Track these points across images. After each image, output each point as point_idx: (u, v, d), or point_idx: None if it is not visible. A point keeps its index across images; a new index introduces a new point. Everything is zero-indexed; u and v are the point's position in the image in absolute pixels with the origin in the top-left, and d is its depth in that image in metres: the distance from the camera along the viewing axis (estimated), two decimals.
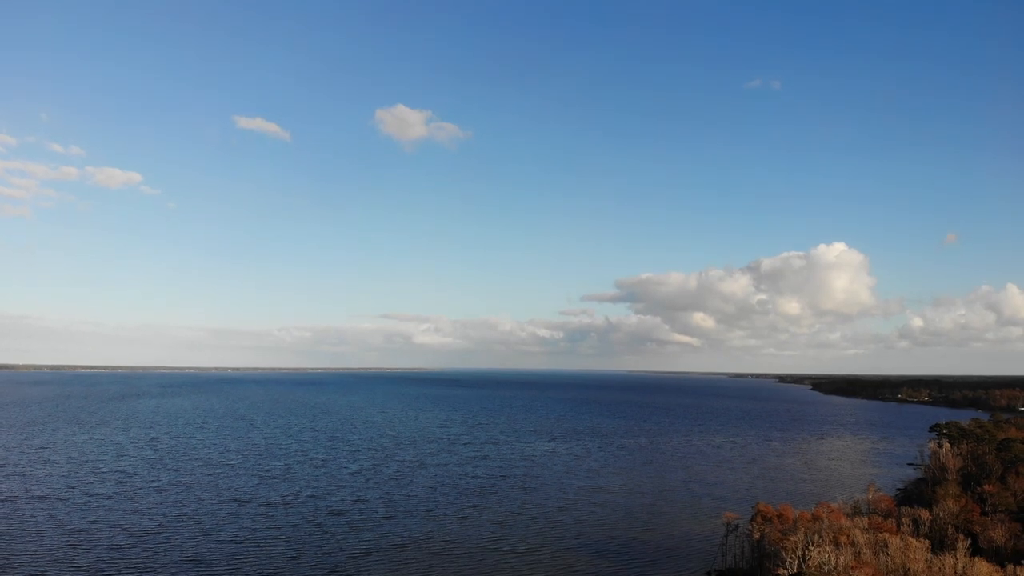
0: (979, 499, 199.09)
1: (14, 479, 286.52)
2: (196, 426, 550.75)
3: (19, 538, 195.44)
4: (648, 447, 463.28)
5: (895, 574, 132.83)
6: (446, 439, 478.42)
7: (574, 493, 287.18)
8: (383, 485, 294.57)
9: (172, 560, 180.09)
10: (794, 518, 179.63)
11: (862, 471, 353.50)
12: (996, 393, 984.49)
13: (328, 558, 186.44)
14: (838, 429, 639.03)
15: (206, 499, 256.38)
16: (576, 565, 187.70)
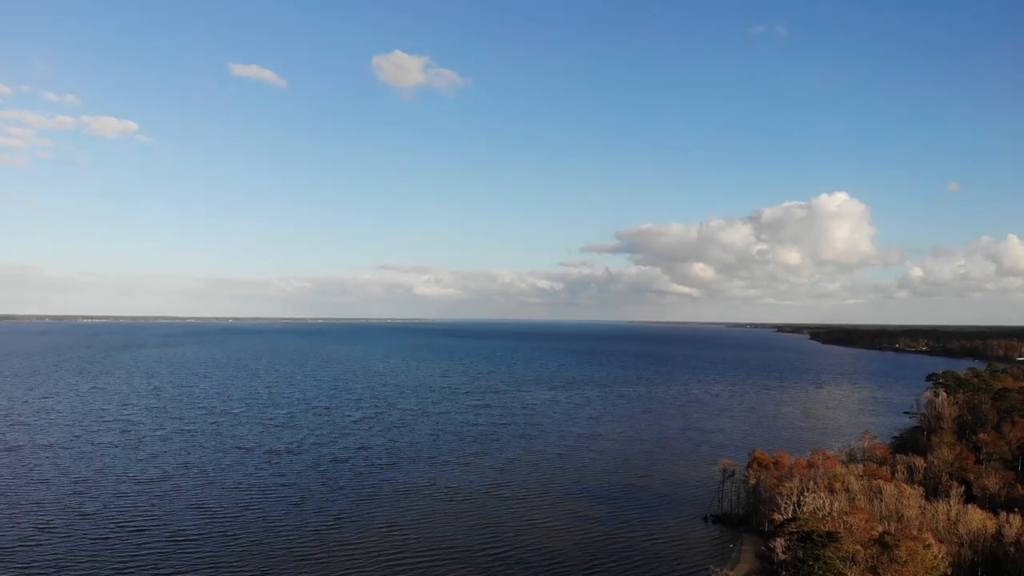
0: (974, 447, 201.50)
1: (19, 429, 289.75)
2: (199, 375, 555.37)
3: (25, 487, 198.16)
4: (647, 396, 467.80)
5: (889, 520, 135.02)
6: (447, 388, 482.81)
7: (574, 441, 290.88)
8: (386, 433, 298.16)
9: (178, 507, 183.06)
10: (790, 465, 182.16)
11: (858, 419, 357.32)
12: (994, 343, 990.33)
13: (332, 504, 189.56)
14: (836, 378, 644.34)
15: (210, 447, 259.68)
16: (576, 511, 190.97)
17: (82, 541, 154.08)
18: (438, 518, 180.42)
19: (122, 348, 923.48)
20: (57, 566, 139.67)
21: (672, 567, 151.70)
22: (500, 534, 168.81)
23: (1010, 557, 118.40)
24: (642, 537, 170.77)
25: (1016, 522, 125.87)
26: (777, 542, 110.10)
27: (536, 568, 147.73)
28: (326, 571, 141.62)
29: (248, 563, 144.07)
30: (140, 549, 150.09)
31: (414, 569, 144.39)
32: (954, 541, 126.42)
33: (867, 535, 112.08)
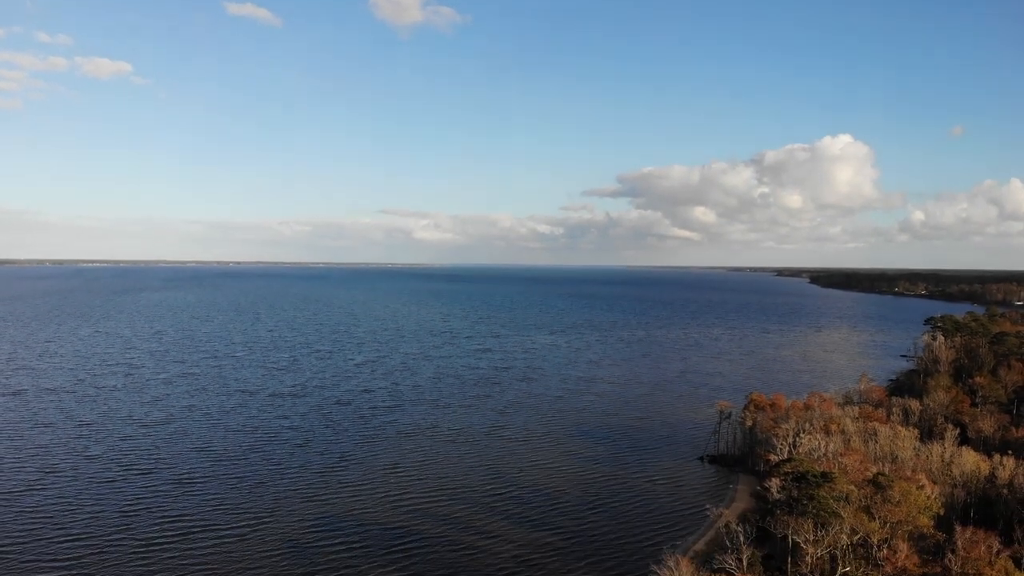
0: (970, 391, 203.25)
1: (22, 373, 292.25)
2: (200, 319, 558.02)
3: (29, 431, 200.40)
4: (646, 340, 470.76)
5: (883, 461, 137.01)
6: (448, 332, 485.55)
7: (574, 384, 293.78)
8: (388, 376, 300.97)
9: (182, 449, 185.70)
10: (786, 407, 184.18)
11: (856, 363, 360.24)
12: (993, 287, 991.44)
13: (336, 446, 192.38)
14: (834, 322, 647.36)
15: (213, 390, 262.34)
16: (576, 452, 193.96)
17: (88, 484, 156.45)
18: (441, 459, 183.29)
19: (123, 292, 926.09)
20: (65, 509, 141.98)
21: (670, 506, 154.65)
22: (502, 474, 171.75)
23: (1003, 498, 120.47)
24: (641, 477, 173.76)
25: (1010, 464, 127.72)
26: (772, 482, 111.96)
27: (537, 507, 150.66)
28: (331, 511, 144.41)
29: (254, 504, 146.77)
30: (146, 491, 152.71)
31: (418, 509, 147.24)
32: (947, 482, 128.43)
33: (861, 476, 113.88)
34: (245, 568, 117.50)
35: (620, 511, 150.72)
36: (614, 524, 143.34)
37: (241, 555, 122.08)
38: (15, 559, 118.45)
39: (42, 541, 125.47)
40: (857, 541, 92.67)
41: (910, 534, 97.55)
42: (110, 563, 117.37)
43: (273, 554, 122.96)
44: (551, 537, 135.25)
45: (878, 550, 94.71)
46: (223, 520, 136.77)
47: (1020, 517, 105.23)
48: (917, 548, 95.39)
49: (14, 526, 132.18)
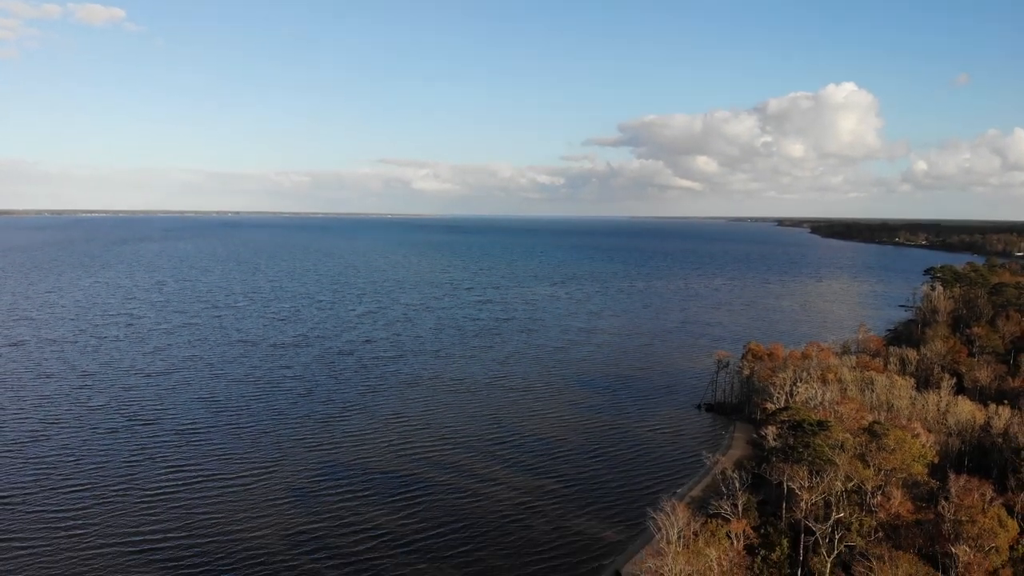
0: (967, 341, 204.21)
1: (23, 323, 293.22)
2: (200, 269, 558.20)
3: (31, 381, 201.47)
4: (647, 291, 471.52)
5: (879, 410, 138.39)
6: (449, 284, 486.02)
7: (574, 335, 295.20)
8: (390, 327, 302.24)
9: (186, 399, 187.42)
10: (784, 356, 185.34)
11: (856, 312, 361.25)
12: (993, 238, 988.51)
13: (339, 395, 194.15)
14: (835, 272, 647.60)
15: (215, 341, 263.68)
16: (576, 401, 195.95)
17: (92, 434, 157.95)
18: (443, 408, 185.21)
19: (122, 243, 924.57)
20: (69, 459, 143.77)
21: (667, 453, 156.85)
22: (503, 423, 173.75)
23: (997, 447, 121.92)
24: (639, 425, 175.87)
25: (1005, 413, 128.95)
26: (769, 430, 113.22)
27: (538, 454, 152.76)
28: (335, 459, 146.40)
29: (258, 453, 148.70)
30: (151, 441, 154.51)
31: (421, 456, 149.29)
32: (942, 431, 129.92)
33: (857, 424, 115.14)
34: (251, 517, 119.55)
35: (619, 458, 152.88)
36: (613, 471, 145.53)
37: (247, 504, 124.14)
38: (21, 509, 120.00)
39: (47, 491, 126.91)
40: (851, 488, 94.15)
41: (904, 481, 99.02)
42: (116, 512, 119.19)
43: (279, 502, 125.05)
44: (551, 483, 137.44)
45: (872, 497, 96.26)
46: (228, 469, 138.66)
47: (1014, 466, 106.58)
48: (911, 495, 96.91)
49: (19, 476, 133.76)
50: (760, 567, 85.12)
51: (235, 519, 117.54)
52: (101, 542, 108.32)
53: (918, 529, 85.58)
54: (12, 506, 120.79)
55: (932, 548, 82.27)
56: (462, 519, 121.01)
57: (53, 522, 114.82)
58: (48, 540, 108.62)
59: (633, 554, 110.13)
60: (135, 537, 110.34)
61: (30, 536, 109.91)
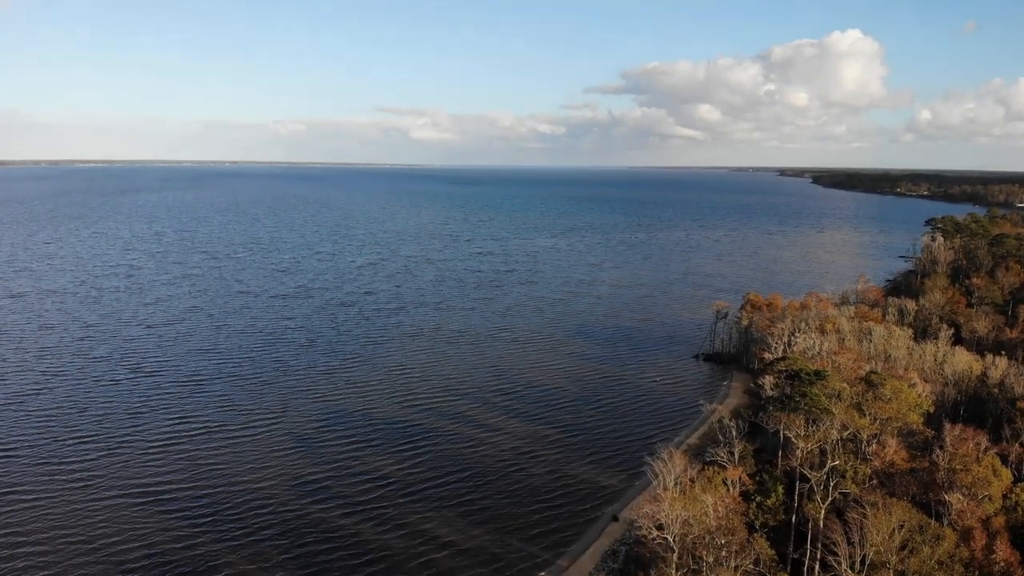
0: (966, 292, 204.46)
1: (23, 275, 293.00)
2: (199, 220, 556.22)
3: (32, 333, 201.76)
4: (648, 242, 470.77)
5: (877, 360, 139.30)
6: (449, 235, 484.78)
7: (575, 286, 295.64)
8: (391, 279, 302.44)
9: (188, 350, 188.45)
10: (783, 307, 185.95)
11: (856, 263, 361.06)
12: (995, 188, 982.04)
13: (342, 346, 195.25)
14: (837, 223, 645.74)
15: (215, 292, 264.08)
16: (577, 352, 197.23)
17: (95, 386, 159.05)
18: (445, 359, 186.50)
19: (120, 193, 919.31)
20: (73, 410, 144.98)
21: (666, 402, 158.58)
22: (505, 374, 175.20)
23: (993, 397, 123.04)
24: (638, 375, 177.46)
25: (1002, 364, 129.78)
26: (766, 379, 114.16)
27: (538, 404, 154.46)
28: (339, 409, 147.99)
29: (262, 403, 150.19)
30: (154, 391, 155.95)
31: (423, 406, 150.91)
32: (939, 381, 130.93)
33: (854, 374, 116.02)
34: (257, 466, 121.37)
35: (618, 407, 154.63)
36: (612, 419, 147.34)
37: (252, 453, 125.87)
38: (27, 461, 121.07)
39: (52, 443, 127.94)
40: (847, 436, 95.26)
41: (899, 430, 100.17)
42: (122, 463, 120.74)
43: (284, 451, 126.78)
44: (552, 432, 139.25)
45: (867, 445, 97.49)
46: (233, 420, 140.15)
47: (1009, 416, 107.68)
48: (906, 444, 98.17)
49: (23, 427, 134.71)
50: (755, 513, 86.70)
51: (241, 468, 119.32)
52: (108, 493, 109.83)
53: (912, 477, 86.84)
54: (17, 458, 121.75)
55: (926, 496, 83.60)
56: (464, 467, 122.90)
57: (60, 473, 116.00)
58: (55, 491, 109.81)
59: (630, 500, 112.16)
60: (142, 487, 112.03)
61: (37, 488, 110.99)
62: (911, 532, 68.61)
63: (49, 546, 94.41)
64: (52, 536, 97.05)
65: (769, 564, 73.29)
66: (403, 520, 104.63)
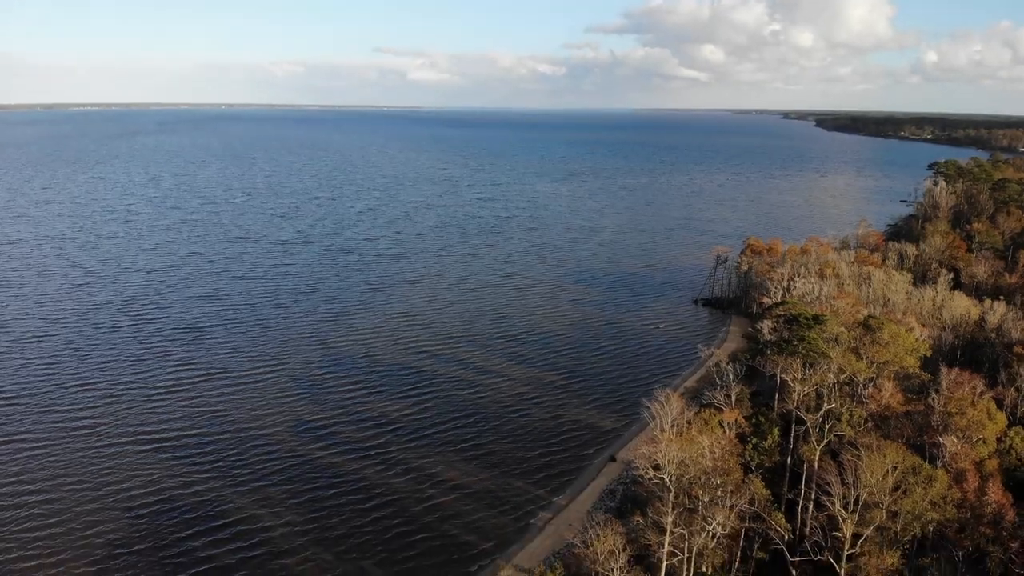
0: (967, 237, 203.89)
1: (21, 221, 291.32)
2: (197, 164, 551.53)
3: (32, 280, 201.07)
4: (650, 187, 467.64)
5: (875, 304, 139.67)
6: (448, 180, 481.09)
7: (576, 232, 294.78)
8: (391, 225, 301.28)
9: (189, 296, 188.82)
10: (783, 252, 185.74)
11: (859, 207, 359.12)
12: (999, 133, 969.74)
13: (343, 292, 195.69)
14: (839, 166, 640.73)
15: (215, 238, 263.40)
16: (577, 298, 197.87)
17: (97, 332, 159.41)
18: (447, 305, 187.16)
19: (117, 137, 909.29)
20: (75, 357, 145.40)
21: (664, 346, 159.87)
22: (507, 320, 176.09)
23: (990, 342, 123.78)
24: (637, 320, 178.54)
25: (1000, 309, 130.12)
26: (764, 324, 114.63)
27: (539, 349, 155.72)
28: (341, 354, 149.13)
29: (264, 349, 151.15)
30: (156, 337, 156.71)
31: (425, 352, 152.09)
32: (937, 326, 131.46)
33: (852, 318, 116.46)
34: (261, 410, 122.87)
35: (616, 352, 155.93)
36: (611, 364, 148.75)
37: (256, 398, 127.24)
38: (29, 407, 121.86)
39: (55, 389, 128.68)
40: (844, 380, 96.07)
41: (896, 374, 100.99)
42: (126, 409, 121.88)
43: (287, 396, 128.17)
44: (552, 376, 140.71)
45: (863, 388, 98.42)
46: (236, 366, 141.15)
47: (1006, 360, 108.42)
48: (902, 387, 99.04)
49: (25, 374, 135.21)
50: (751, 454, 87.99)
51: (246, 414, 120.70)
52: (113, 439, 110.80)
53: (907, 420, 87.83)
54: (20, 405, 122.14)
55: (920, 438, 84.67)
56: (466, 411, 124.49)
57: (63, 420, 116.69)
58: (59, 438, 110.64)
59: (628, 441, 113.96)
60: (148, 433, 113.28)
61: (41, 435, 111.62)
62: (904, 473, 69.70)
63: (56, 493, 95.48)
64: (58, 483, 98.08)
65: (764, 504, 74.70)
66: (407, 462, 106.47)
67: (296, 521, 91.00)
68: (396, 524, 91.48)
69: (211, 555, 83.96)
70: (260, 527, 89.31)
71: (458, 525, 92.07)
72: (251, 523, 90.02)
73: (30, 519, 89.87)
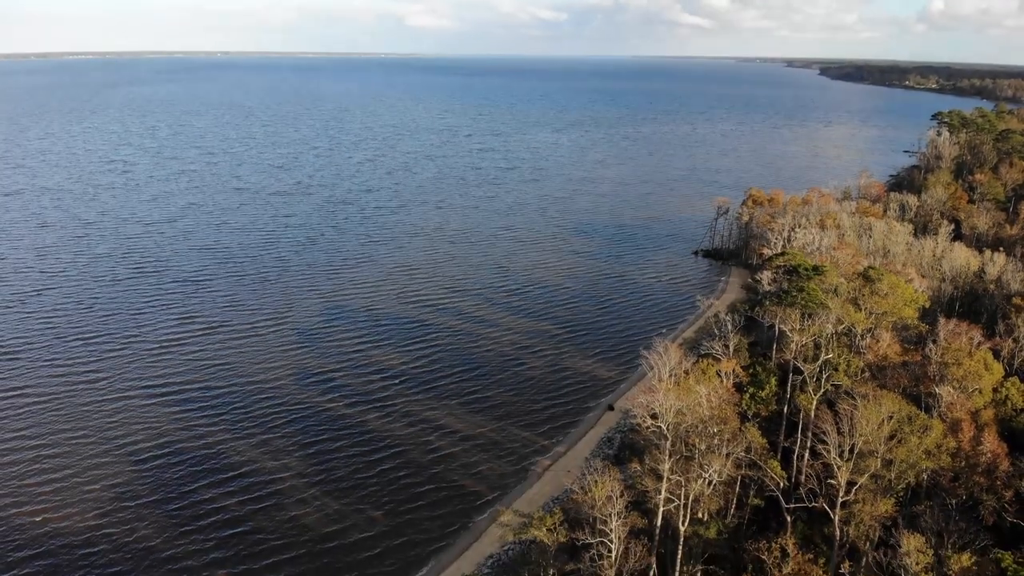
0: (969, 188, 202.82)
1: (18, 172, 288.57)
2: (193, 114, 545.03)
3: (29, 233, 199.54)
4: (653, 137, 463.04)
5: (875, 255, 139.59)
6: (448, 130, 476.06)
7: (578, 184, 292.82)
8: (390, 176, 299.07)
9: (188, 248, 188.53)
10: (784, 202, 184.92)
11: (862, 158, 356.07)
12: (1004, 83, 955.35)
13: (344, 244, 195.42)
14: (843, 116, 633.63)
15: (213, 189, 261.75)
16: (577, 250, 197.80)
17: (98, 285, 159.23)
18: (448, 258, 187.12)
19: (112, 86, 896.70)
20: (77, 310, 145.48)
21: (664, 298, 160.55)
22: (507, 272, 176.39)
23: (989, 293, 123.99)
24: (637, 272, 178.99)
25: (1000, 260, 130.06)
26: (764, 274, 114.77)
27: (539, 301, 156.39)
28: (343, 306, 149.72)
29: (265, 302, 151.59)
30: (157, 290, 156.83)
31: (427, 303, 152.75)
32: (937, 277, 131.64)
33: (852, 269, 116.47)
34: (264, 362, 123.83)
35: (617, 303, 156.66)
36: (611, 315, 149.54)
37: (259, 350, 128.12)
38: (31, 360, 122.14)
39: (58, 342, 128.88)
40: (842, 330, 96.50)
41: (894, 325, 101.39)
42: (129, 361, 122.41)
43: (290, 348, 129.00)
44: (552, 327, 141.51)
45: (861, 339, 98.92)
46: (238, 318, 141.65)
47: (1004, 312, 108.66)
48: (900, 338, 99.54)
49: (26, 327, 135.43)
50: (748, 403, 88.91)
51: (249, 366, 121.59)
52: (117, 392, 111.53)
53: (904, 370, 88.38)
54: (22, 358, 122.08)
55: (917, 388, 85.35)
56: (467, 361, 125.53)
57: (66, 373, 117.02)
58: (62, 391, 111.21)
59: (626, 391, 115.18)
60: (152, 385, 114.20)
61: (44, 388, 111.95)
62: (900, 423, 70.41)
63: (61, 447, 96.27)
64: (63, 437, 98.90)
65: (760, 452, 75.74)
66: (409, 412, 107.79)
67: (302, 471, 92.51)
68: (399, 473, 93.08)
69: (218, 507, 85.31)
70: (267, 478, 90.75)
71: (460, 473, 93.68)
72: (257, 474, 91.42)
73: (36, 473, 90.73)
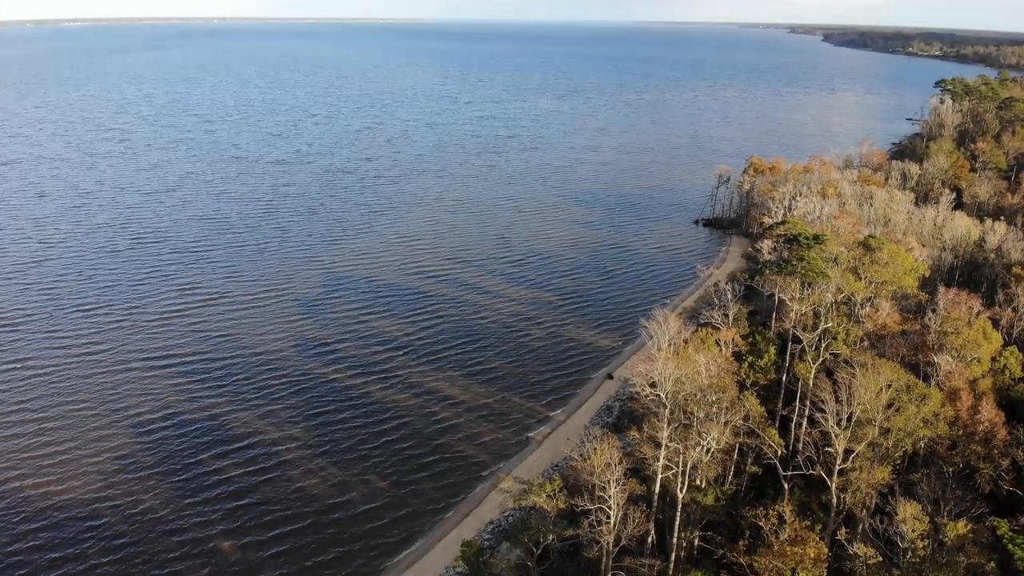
0: (971, 156, 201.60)
1: (15, 141, 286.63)
2: (190, 81, 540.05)
3: (26, 203, 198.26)
4: (655, 104, 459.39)
5: (876, 224, 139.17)
6: (448, 97, 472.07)
7: (579, 152, 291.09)
8: (389, 144, 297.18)
9: (187, 217, 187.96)
10: (786, 171, 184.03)
11: (865, 125, 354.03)
12: (1008, 51, 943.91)
13: (344, 213, 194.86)
14: (846, 83, 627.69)
15: (211, 157, 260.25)
16: (579, 219, 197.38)
17: (98, 255, 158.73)
18: (448, 227, 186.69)
19: (108, 54, 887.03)
20: (77, 280, 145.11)
21: (664, 267, 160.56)
22: (509, 241, 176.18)
23: (989, 262, 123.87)
24: (638, 241, 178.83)
25: (1001, 229, 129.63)
26: (764, 243, 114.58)
27: (538, 270, 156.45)
28: (344, 276, 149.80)
29: (265, 272, 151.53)
30: (157, 260, 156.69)
31: (428, 273, 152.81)
32: (937, 246, 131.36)
33: (853, 238, 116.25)
34: (265, 332, 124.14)
35: (617, 273, 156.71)
36: (610, 284, 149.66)
37: (260, 320, 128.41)
38: (31, 330, 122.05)
39: (58, 312, 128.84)
40: (842, 299, 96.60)
41: (894, 294, 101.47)
42: (128, 332, 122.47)
43: (291, 319, 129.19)
44: (552, 297, 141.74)
45: (861, 308, 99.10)
46: (239, 288, 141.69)
47: (1004, 281, 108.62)
48: (899, 307, 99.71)
49: (25, 297, 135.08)
50: (747, 372, 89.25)
51: (250, 336, 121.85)
52: (118, 363, 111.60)
53: (903, 339, 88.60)
54: (22, 329, 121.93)
55: (915, 357, 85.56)
56: (467, 330, 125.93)
57: (66, 344, 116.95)
58: (63, 362, 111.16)
59: (625, 360, 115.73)
60: (153, 355, 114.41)
61: (45, 359, 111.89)
62: (898, 391, 70.73)
63: (62, 420, 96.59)
64: (64, 408, 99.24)
65: (758, 420, 76.15)
66: (410, 381, 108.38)
67: (306, 441, 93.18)
68: (401, 441, 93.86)
69: (223, 478, 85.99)
70: (270, 449, 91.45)
71: (460, 440, 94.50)
72: (261, 445, 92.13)
73: (38, 445, 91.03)
